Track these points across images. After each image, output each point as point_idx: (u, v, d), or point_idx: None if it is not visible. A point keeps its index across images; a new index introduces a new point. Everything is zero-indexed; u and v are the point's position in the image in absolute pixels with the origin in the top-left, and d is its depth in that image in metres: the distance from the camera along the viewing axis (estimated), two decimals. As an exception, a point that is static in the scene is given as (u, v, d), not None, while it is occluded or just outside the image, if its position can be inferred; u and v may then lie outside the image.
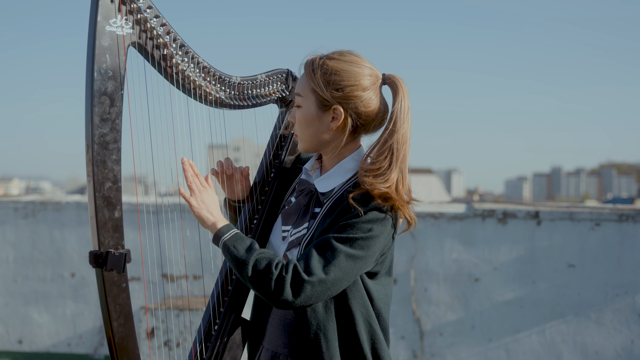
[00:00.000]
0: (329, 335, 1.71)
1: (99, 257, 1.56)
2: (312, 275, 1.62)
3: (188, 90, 1.80)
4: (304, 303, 1.63)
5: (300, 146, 1.84)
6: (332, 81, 1.73)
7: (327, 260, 1.63)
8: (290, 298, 1.61)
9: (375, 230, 1.67)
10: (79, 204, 5.25)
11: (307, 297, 1.62)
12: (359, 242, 1.65)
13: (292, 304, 1.62)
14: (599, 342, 4.62)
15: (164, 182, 1.87)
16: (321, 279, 1.62)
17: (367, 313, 1.73)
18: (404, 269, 4.79)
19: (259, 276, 1.63)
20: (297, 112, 1.80)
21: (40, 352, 5.22)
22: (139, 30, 1.66)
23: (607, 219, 4.62)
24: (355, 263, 1.66)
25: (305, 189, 1.85)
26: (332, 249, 1.64)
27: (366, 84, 1.74)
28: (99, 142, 1.56)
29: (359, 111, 1.74)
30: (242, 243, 1.69)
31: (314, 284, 1.61)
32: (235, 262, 1.67)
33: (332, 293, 1.66)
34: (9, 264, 5.24)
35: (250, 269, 1.64)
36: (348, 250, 1.64)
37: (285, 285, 1.61)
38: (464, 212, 4.79)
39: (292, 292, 1.61)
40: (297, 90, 1.80)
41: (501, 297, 4.71)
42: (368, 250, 1.67)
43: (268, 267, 1.63)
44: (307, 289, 1.61)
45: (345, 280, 1.66)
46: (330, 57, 1.76)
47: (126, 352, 1.62)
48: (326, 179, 1.81)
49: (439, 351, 4.78)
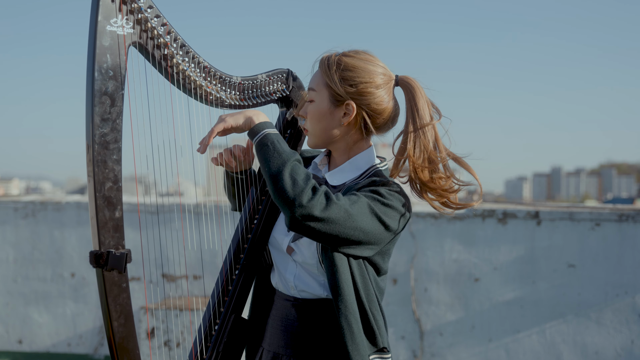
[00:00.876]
0: (357, 317, 1.68)
1: (99, 257, 1.56)
2: (340, 202, 1.61)
3: (189, 90, 1.80)
4: (322, 217, 1.57)
5: (310, 141, 1.86)
6: (346, 77, 1.76)
7: (352, 201, 1.63)
8: (314, 207, 1.57)
9: (395, 202, 1.69)
10: (79, 204, 5.25)
11: (327, 216, 1.58)
12: (380, 204, 1.66)
13: (310, 212, 1.56)
14: (599, 342, 4.62)
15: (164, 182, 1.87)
16: (346, 209, 1.60)
17: (375, 310, 1.73)
18: (404, 269, 4.79)
19: (294, 176, 1.60)
20: (309, 107, 1.82)
21: (40, 352, 5.22)
22: (140, 30, 1.66)
23: (607, 219, 4.62)
24: (372, 219, 1.65)
25: None
26: (357, 196, 1.65)
27: (379, 82, 1.77)
28: (100, 142, 1.56)
29: (371, 108, 1.77)
30: (287, 145, 1.69)
31: (339, 207, 1.59)
32: (276, 155, 1.63)
33: (344, 229, 1.61)
34: (9, 264, 5.24)
35: (288, 168, 1.61)
36: (370, 203, 1.65)
37: (317, 193, 1.58)
38: (464, 212, 4.79)
39: (319, 204, 1.57)
40: (311, 85, 1.82)
41: (501, 297, 4.71)
42: (385, 216, 1.66)
43: (305, 172, 1.62)
44: (332, 208, 1.58)
45: (360, 228, 1.63)
46: (345, 54, 1.80)
47: (126, 352, 1.61)
48: (337, 173, 1.82)
49: (439, 351, 4.78)
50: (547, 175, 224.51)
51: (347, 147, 1.83)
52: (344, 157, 1.84)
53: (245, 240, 1.91)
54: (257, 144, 1.69)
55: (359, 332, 1.67)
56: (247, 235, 1.91)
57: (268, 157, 1.65)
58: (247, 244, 1.89)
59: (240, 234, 1.92)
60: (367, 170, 1.81)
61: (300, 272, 1.79)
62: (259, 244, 1.89)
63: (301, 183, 1.59)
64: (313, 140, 1.84)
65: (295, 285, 1.79)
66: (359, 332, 1.67)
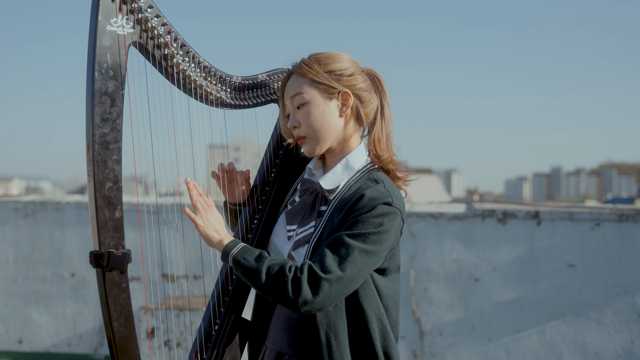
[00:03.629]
0: (339, 334, 1.70)
1: (99, 257, 1.56)
2: (329, 272, 1.61)
3: (189, 90, 1.80)
4: (325, 301, 1.62)
5: (308, 148, 1.83)
6: (329, 69, 1.78)
7: (341, 258, 1.63)
8: (310, 297, 1.60)
9: (386, 224, 1.68)
10: (79, 204, 5.25)
11: (326, 295, 1.61)
12: (372, 237, 1.66)
13: (311, 303, 1.61)
14: (599, 342, 4.62)
15: (164, 182, 1.87)
16: (338, 276, 1.61)
17: (378, 310, 1.74)
18: (404, 269, 4.79)
19: (274, 281, 1.62)
20: (302, 111, 1.79)
21: (40, 352, 5.22)
22: (140, 29, 1.66)
23: (607, 219, 4.62)
24: (369, 258, 1.66)
25: (309, 188, 1.85)
26: (346, 246, 1.64)
27: (356, 69, 1.82)
28: (100, 142, 1.56)
29: (361, 94, 1.80)
30: (251, 253, 1.69)
31: (331, 281, 1.61)
32: (248, 273, 1.66)
33: (349, 290, 1.65)
34: (9, 264, 5.24)
35: (264, 276, 1.63)
36: (362, 245, 1.65)
37: (302, 285, 1.60)
38: (464, 212, 4.79)
39: (311, 291, 1.60)
40: (295, 90, 1.79)
41: (501, 297, 4.71)
42: (381, 244, 1.67)
43: (281, 270, 1.63)
44: (324, 287, 1.60)
45: (361, 276, 1.66)
46: (314, 54, 1.82)
47: (126, 352, 1.61)
48: (331, 177, 1.81)
49: (439, 351, 4.78)
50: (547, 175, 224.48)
51: (341, 144, 1.82)
52: (337, 158, 1.84)
53: (246, 240, 1.91)
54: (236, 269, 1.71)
55: (338, 350, 1.71)
56: (247, 235, 1.91)
57: (245, 278, 1.69)
58: (247, 243, 1.89)
59: (240, 233, 1.92)
60: (359, 172, 1.80)
61: None
62: (259, 244, 1.89)
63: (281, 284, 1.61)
64: (312, 145, 1.81)
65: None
66: (338, 350, 1.71)
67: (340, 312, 1.71)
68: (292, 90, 1.80)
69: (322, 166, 1.89)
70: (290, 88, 1.81)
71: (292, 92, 1.80)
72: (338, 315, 1.71)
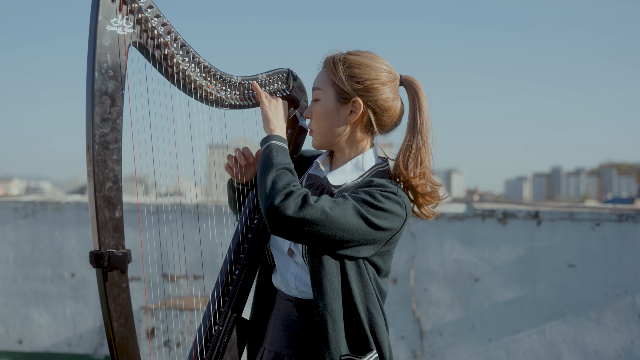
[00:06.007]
0: (335, 317, 1.68)
1: (99, 257, 1.56)
2: (318, 203, 1.61)
3: (189, 90, 1.80)
4: (296, 217, 1.58)
5: (314, 141, 1.87)
6: (352, 74, 1.77)
7: (335, 203, 1.64)
8: (287, 208, 1.58)
9: (388, 205, 1.67)
10: (79, 204, 5.25)
11: (302, 216, 1.59)
12: (369, 206, 1.65)
13: (282, 212, 1.58)
14: (599, 342, 4.62)
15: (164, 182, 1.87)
16: (324, 210, 1.60)
17: (366, 298, 1.71)
18: (404, 269, 4.79)
19: (276, 180, 1.63)
20: (315, 106, 1.83)
21: (40, 352, 5.22)
22: (140, 29, 1.66)
23: (607, 219, 4.62)
24: (358, 221, 1.63)
25: (315, 183, 1.85)
26: (344, 197, 1.66)
27: (385, 79, 1.79)
28: (100, 142, 1.56)
29: (378, 105, 1.78)
30: (285, 157, 1.71)
31: (315, 209, 1.60)
32: (266, 162, 1.68)
33: (325, 230, 1.61)
34: (9, 264, 5.24)
35: (274, 174, 1.65)
36: (357, 205, 1.64)
37: (290, 196, 1.60)
38: (464, 212, 4.79)
39: (293, 205, 1.59)
40: (317, 84, 1.83)
41: (501, 297, 4.71)
42: (374, 217, 1.65)
43: (288, 179, 1.64)
44: (307, 209, 1.59)
45: (343, 229, 1.62)
46: (350, 53, 1.82)
47: (126, 352, 1.61)
48: (339, 174, 1.82)
49: (439, 351, 4.78)
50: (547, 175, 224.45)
51: (351, 146, 1.83)
52: (347, 157, 1.84)
53: (246, 240, 1.91)
54: (262, 153, 1.73)
55: (334, 331, 1.67)
56: (247, 235, 1.91)
57: (262, 164, 1.69)
58: (247, 243, 1.89)
59: (240, 233, 1.92)
60: (369, 171, 1.81)
61: (301, 274, 1.79)
62: (259, 243, 1.89)
63: (279, 187, 1.61)
64: (318, 140, 1.85)
65: (296, 286, 1.80)
66: (334, 331, 1.67)
67: (336, 295, 1.68)
68: (315, 83, 1.85)
69: (330, 163, 1.89)
70: (316, 79, 1.85)
71: (314, 84, 1.85)
72: (335, 297, 1.68)
